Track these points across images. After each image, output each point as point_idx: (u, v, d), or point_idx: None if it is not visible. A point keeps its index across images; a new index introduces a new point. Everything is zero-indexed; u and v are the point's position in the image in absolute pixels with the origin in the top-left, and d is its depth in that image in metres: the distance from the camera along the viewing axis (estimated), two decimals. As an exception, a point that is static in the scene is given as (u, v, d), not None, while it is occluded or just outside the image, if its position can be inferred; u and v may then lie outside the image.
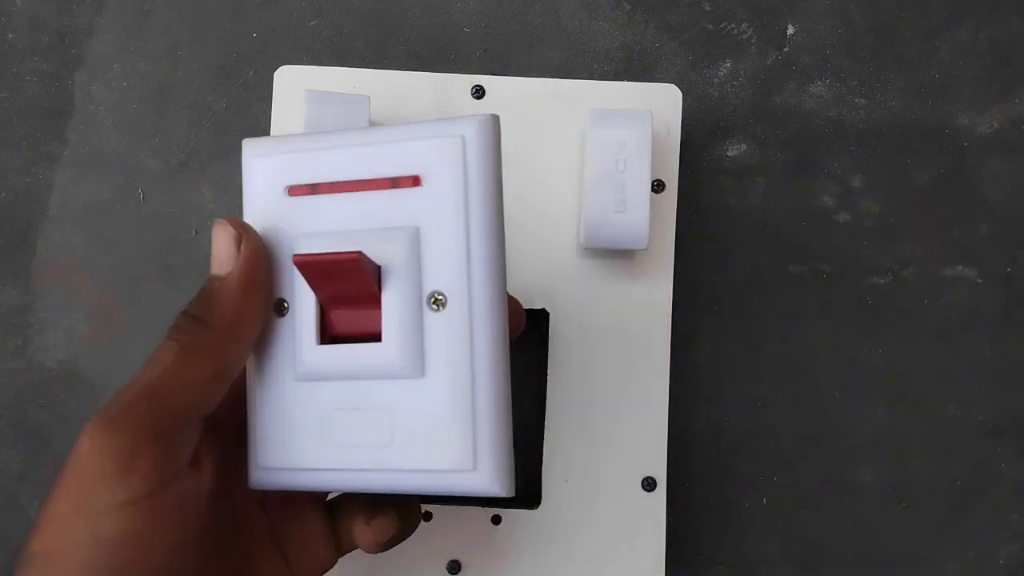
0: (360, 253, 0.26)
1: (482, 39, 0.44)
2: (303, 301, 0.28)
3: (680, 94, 0.39)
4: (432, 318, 0.27)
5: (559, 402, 0.39)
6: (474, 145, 0.27)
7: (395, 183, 0.27)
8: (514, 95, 0.39)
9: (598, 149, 0.36)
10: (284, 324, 0.28)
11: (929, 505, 0.44)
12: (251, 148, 0.29)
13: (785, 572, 0.44)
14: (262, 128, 0.44)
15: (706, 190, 0.44)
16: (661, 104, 0.39)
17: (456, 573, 0.38)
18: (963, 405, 0.44)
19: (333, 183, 0.28)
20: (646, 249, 0.37)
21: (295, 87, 0.38)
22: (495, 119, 0.28)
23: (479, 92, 0.39)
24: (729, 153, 0.44)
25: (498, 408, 0.27)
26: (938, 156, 0.44)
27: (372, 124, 0.38)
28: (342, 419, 0.27)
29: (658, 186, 0.39)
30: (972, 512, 0.44)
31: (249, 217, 0.29)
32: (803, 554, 0.44)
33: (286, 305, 0.28)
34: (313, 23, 0.44)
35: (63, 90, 0.44)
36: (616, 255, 0.39)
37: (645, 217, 0.36)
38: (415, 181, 0.27)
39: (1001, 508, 0.44)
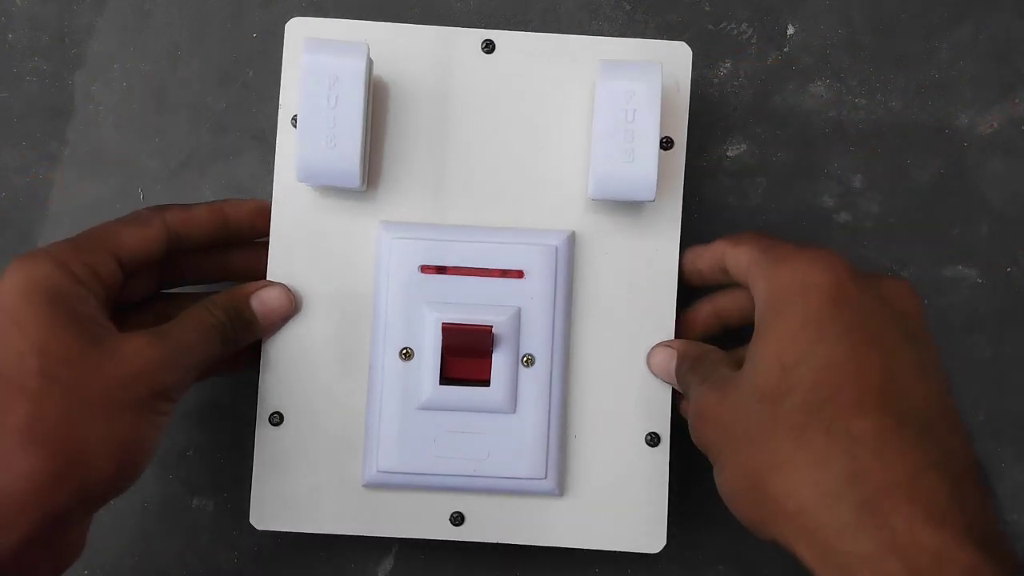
0: (491, 327, 0.37)
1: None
2: (427, 351, 0.37)
3: (690, 52, 0.39)
4: (524, 372, 0.38)
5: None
6: (563, 253, 0.38)
7: (504, 273, 0.38)
8: (523, 50, 0.39)
9: (607, 99, 0.36)
10: (409, 367, 0.38)
11: (929, 505, 0.44)
12: (391, 230, 0.38)
13: (792, 566, 0.44)
14: (262, 128, 0.44)
15: (706, 190, 0.44)
16: (671, 61, 0.39)
17: (459, 524, 0.38)
18: (963, 405, 0.44)
19: (458, 267, 0.38)
20: (654, 202, 0.37)
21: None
22: (573, 234, 0.38)
23: (489, 47, 0.39)
24: (729, 153, 0.44)
25: (563, 437, 0.38)
26: (938, 156, 0.44)
27: (376, 76, 0.38)
28: (452, 439, 0.38)
29: (667, 143, 0.38)
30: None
31: (384, 284, 0.38)
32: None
33: (410, 352, 0.38)
34: (313, 23, 0.44)
35: (63, 90, 0.44)
36: (624, 210, 0.38)
37: (653, 168, 0.36)
38: (519, 274, 0.38)
39: (1001, 508, 0.44)
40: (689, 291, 0.39)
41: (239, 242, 0.39)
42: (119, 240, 0.35)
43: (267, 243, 0.39)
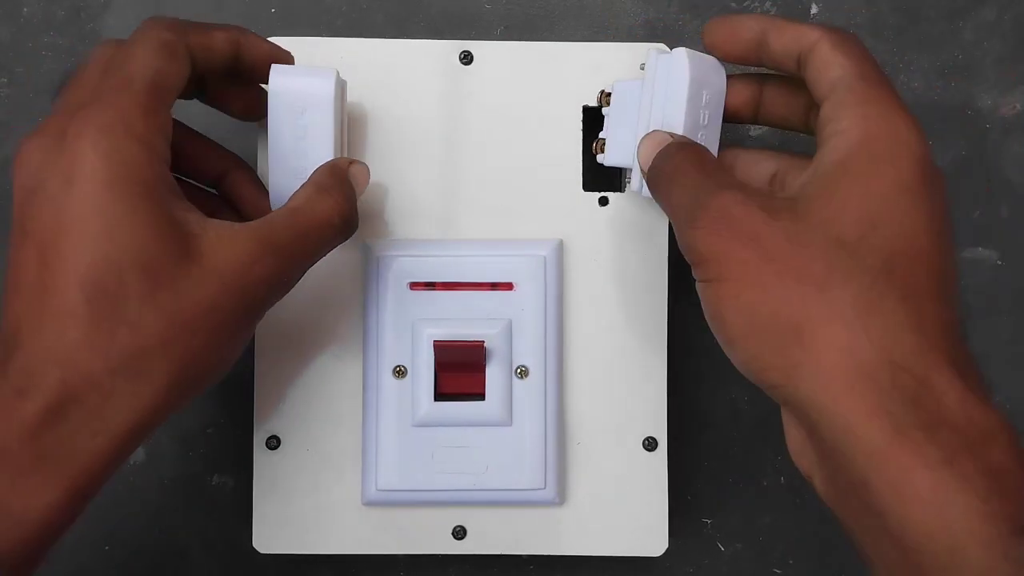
0: (483, 342, 0.37)
1: (503, 15, 0.44)
2: (421, 368, 0.37)
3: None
4: (518, 383, 0.38)
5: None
6: (552, 262, 0.38)
7: (494, 286, 0.38)
8: (502, 59, 0.38)
9: (685, 110, 0.34)
10: (403, 384, 0.38)
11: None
12: (377, 248, 0.38)
13: (802, 550, 0.44)
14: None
15: (727, 170, 0.44)
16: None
17: (462, 538, 0.38)
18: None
19: (447, 283, 0.38)
20: (643, 203, 0.38)
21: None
22: (561, 243, 0.38)
23: (467, 58, 0.38)
24: (752, 133, 0.44)
25: (561, 446, 0.38)
26: (960, 137, 0.44)
27: (349, 99, 0.38)
28: (450, 454, 0.38)
29: None
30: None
31: (373, 302, 0.38)
32: (820, 533, 0.44)
33: (404, 370, 0.38)
34: (333, -2, 0.44)
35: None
36: (613, 215, 0.38)
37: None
38: (509, 286, 0.38)
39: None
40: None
41: (236, 80, 0.35)
42: (170, 86, 0.30)
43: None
